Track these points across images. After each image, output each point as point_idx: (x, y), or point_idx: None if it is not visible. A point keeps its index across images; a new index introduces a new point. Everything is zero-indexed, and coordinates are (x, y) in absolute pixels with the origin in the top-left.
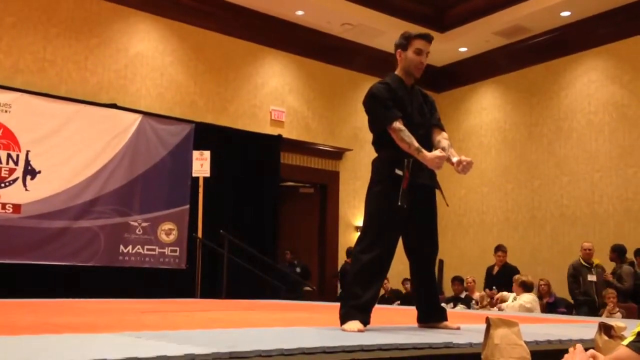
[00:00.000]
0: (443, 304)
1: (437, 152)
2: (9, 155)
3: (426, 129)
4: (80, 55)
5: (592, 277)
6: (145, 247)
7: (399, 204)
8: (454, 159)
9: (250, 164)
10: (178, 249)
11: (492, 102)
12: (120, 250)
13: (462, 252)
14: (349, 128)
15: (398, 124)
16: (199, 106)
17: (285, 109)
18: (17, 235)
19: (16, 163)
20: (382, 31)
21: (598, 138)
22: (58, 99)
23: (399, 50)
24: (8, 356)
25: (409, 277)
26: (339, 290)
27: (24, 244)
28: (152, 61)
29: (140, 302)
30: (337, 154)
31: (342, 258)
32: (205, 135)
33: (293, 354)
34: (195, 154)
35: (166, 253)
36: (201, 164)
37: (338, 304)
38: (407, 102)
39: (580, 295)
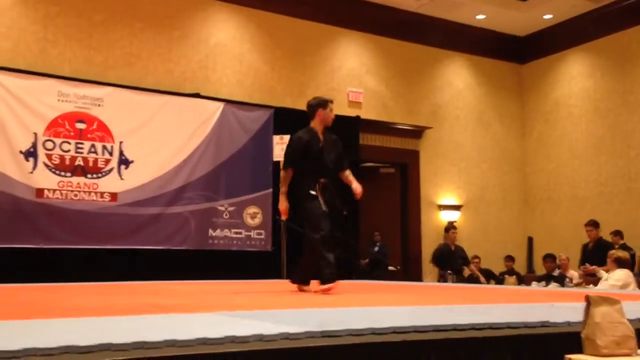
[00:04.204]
0: (534, 283)
1: (286, 205)
2: (104, 147)
3: (335, 169)
4: (164, 48)
5: None
6: (233, 230)
7: (324, 209)
8: (353, 185)
9: None
10: (263, 231)
11: (581, 70)
12: (210, 234)
13: (552, 229)
14: (428, 105)
15: (286, 173)
16: (277, 91)
17: (363, 90)
18: (114, 222)
19: (111, 154)
20: (461, 2)
21: None
22: (145, 91)
23: (319, 109)
24: (121, 333)
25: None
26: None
27: (122, 231)
28: (230, 50)
29: (231, 283)
30: (417, 133)
31: (426, 237)
32: (284, 119)
33: (384, 332)
34: (276, 138)
35: (252, 236)
36: (282, 148)
37: (424, 284)
38: (320, 150)
39: None
